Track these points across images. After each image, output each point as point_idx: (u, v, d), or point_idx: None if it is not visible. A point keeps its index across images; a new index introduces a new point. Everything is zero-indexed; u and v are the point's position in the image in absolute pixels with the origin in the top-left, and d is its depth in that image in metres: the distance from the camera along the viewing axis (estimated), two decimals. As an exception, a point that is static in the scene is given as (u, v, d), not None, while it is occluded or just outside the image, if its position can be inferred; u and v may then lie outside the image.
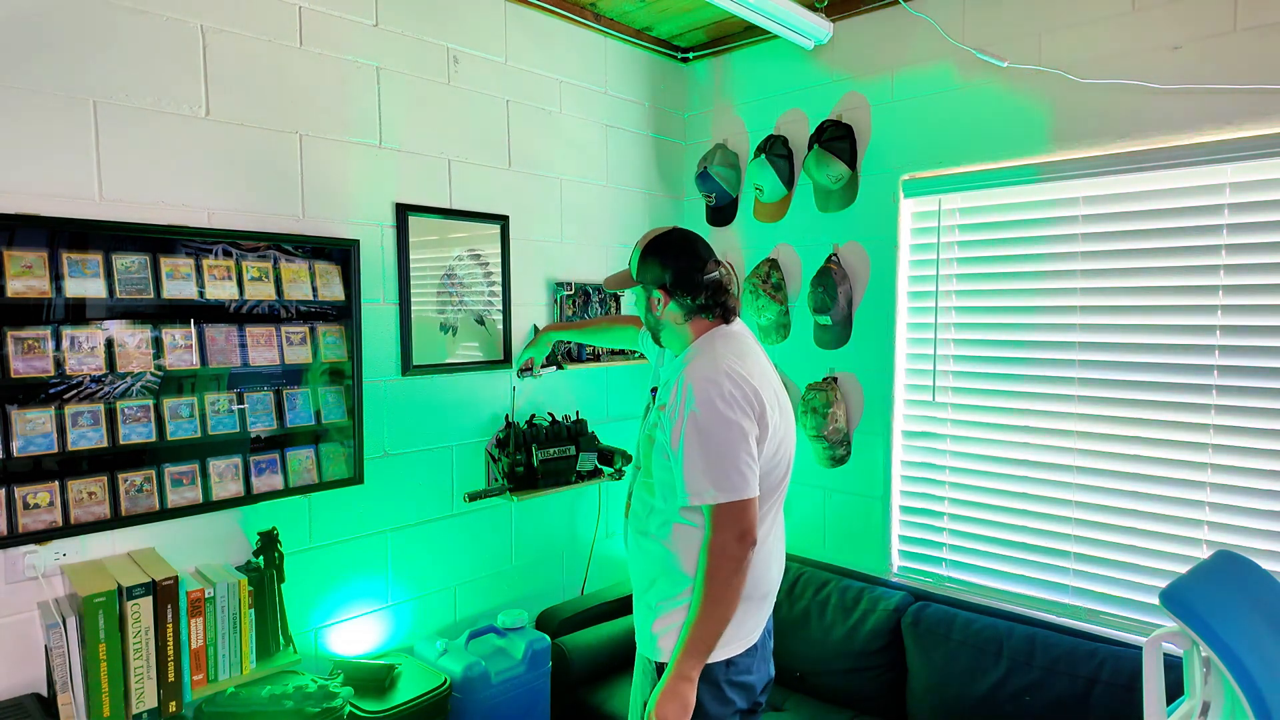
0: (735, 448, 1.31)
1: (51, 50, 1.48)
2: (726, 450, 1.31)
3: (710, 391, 1.32)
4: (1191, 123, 1.77)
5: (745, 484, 1.31)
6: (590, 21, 2.44)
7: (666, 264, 1.44)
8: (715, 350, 1.40)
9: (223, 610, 1.55)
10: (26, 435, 1.45)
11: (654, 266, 1.45)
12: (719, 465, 1.30)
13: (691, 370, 1.36)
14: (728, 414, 1.31)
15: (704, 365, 1.36)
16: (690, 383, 1.34)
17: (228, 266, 1.70)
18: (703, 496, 1.31)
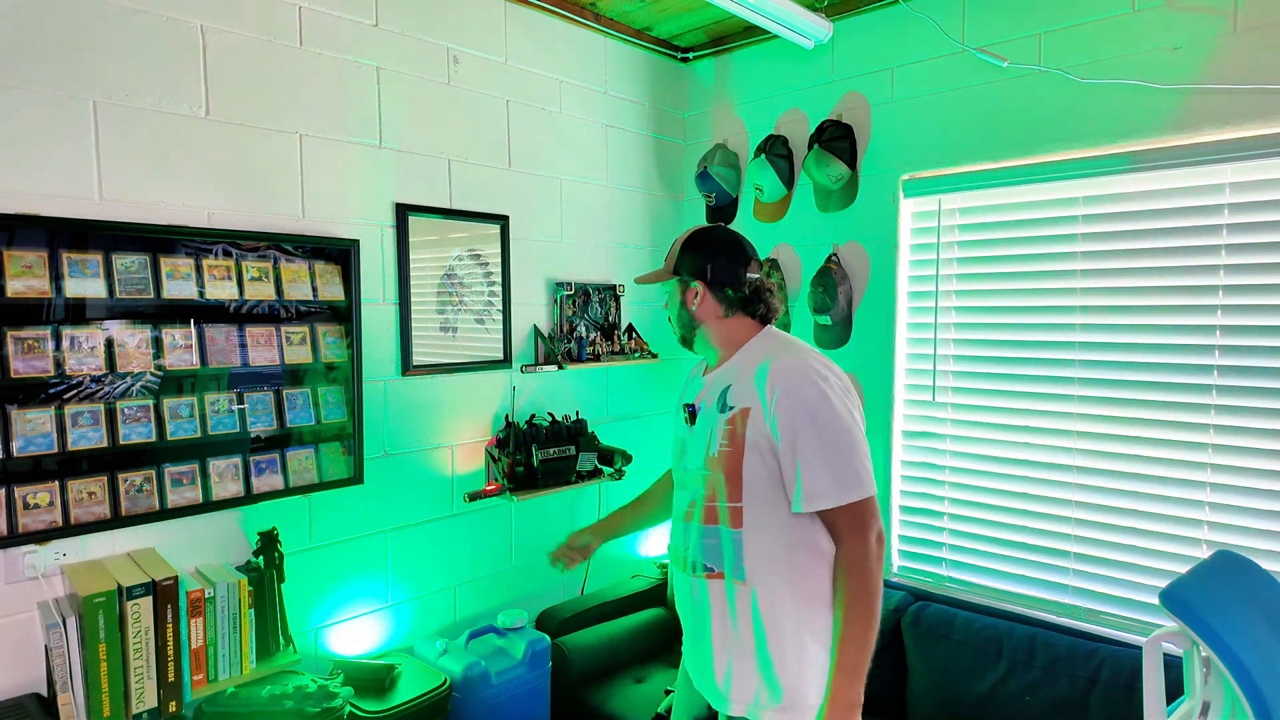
0: (857, 440, 1.21)
1: (52, 50, 1.48)
2: (851, 443, 1.20)
3: (817, 386, 1.21)
4: (1191, 123, 1.77)
5: (871, 478, 1.22)
6: (590, 21, 2.44)
7: (709, 256, 1.35)
8: (792, 345, 1.32)
9: (223, 610, 1.55)
10: (26, 435, 1.45)
11: (695, 258, 1.35)
12: (849, 460, 1.19)
13: (782, 366, 1.25)
14: (840, 406, 1.21)
15: (795, 358, 1.26)
16: (787, 378, 1.22)
17: (228, 266, 1.70)
18: (828, 499, 1.19)
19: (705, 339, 1.38)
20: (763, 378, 1.25)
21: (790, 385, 1.22)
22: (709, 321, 1.36)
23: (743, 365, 1.32)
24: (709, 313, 1.36)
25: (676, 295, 1.39)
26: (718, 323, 1.36)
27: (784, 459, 1.23)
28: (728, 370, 1.34)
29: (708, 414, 1.33)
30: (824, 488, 1.19)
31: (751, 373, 1.28)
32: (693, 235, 1.39)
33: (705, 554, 1.32)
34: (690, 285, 1.36)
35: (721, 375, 1.34)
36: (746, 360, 1.32)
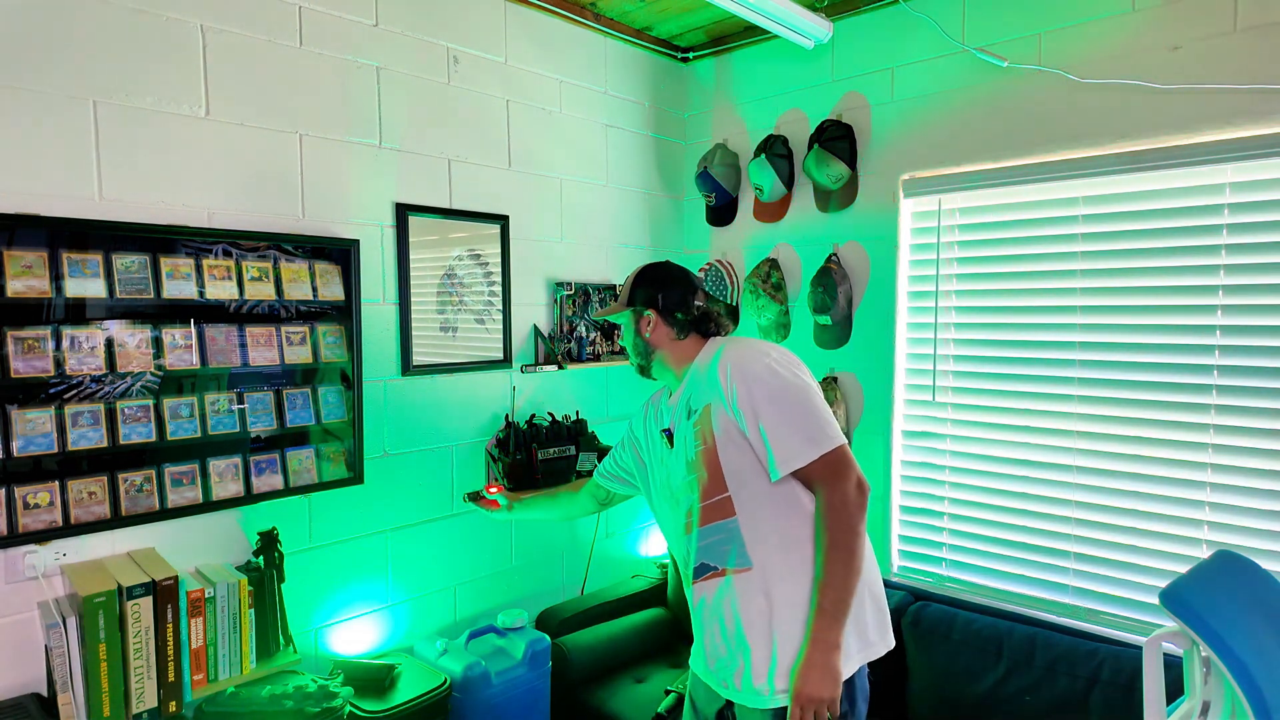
0: (815, 399, 1.29)
1: (51, 50, 1.48)
2: (810, 401, 1.28)
3: (763, 361, 1.31)
4: (1191, 123, 1.77)
5: (838, 430, 1.28)
6: (590, 21, 2.44)
7: (659, 286, 1.45)
8: (735, 339, 1.41)
9: (223, 610, 1.55)
10: (26, 435, 1.45)
11: (647, 290, 1.46)
12: (809, 418, 1.27)
13: (730, 354, 1.34)
14: (788, 375, 1.30)
15: (739, 347, 1.36)
16: (736, 361, 1.32)
17: (228, 266, 1.70)
18: (802, 456, 1.25)
19: (662, 363, 1.46)
20: (714, 371, 1.34)
21: (740, 368, 1.31)
22: (663, 346, 1.45)
23: (697, 371, 1.40)
24: (663, 337, 1.44)
25: (631, 325, 1.48)
26: (672, 345, 1.44)
27: (752, 436, 1.29)
28: (686, 385, 1.42)
29: (681, 428, 1.40)
30: (796, 447, 1.26)
31: (705, 372, 1.37)
32: (643, 270, 1.49)
33: (709, 554, 1.35)
34: (643, 314, 1.45)
35: (682, 392, 1.42)
36: (699, 369, 1.40)
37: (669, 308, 1.43)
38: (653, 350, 1.46)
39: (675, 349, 1.44)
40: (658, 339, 1.45)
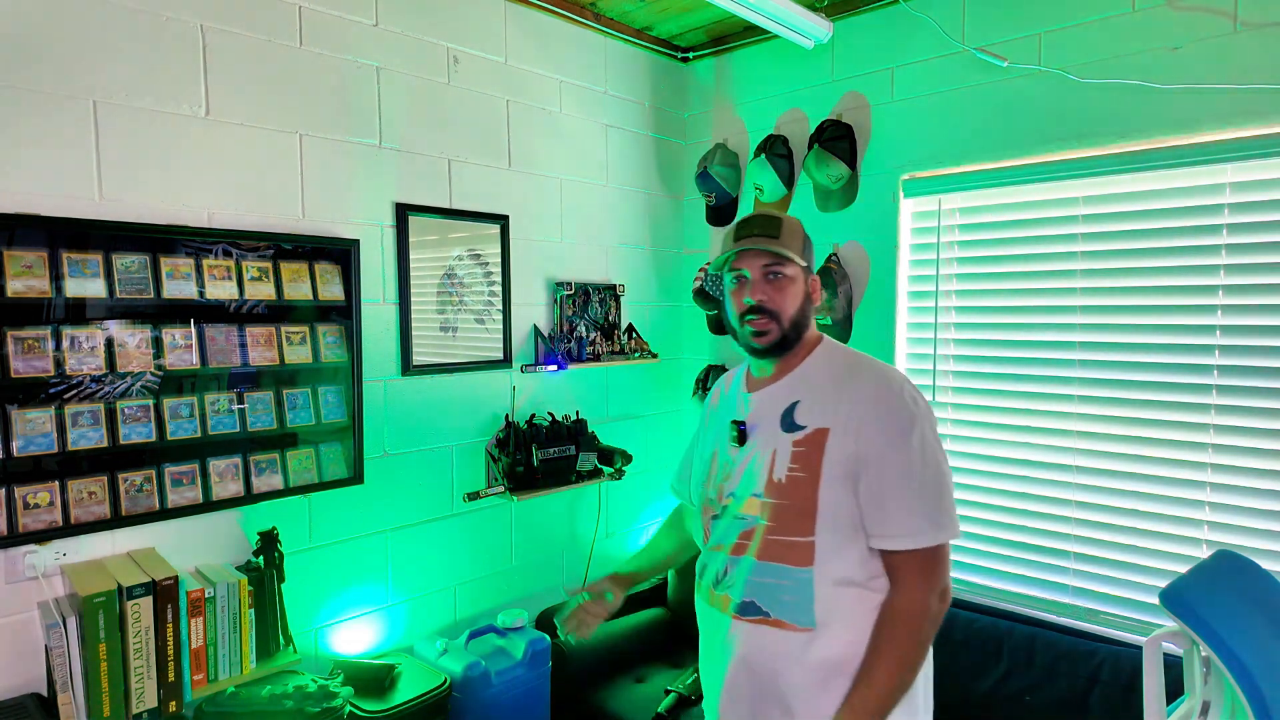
0: (948, 474, 1.11)
1: (51, 50, 1.48)
2: (946, 477, 1.10)
3: (913, 408, 1.11)
4: (1191, 123, 1.77)
5: (957, 519, 1.11)
6: (590, 21, 2.44)
7: (811, 252, 1.23)
8: (865, 359, 1.21)
9: (223, 610, 1.55)
10: (26, 435, 1.45)
11: (809, 249, 1.22)
12: (944, 495, 1.08)
13: (873, 384, 1.13)
14: (933, 434, 1.11)
15: (882, 376, 1.15)
16: (886, 392, 1.11)
17: (228, 266, 1.70)
18: (914, 537, 1.06)
19: (792, 345, 1.21)
20: (846, 396, 1.12)
21: (883, 407, 1.10)
22: (809, 324, 1.22)
23: (812, 379, 1.18)
24: (811, 314, 1.22)
25: (802, 287, 1.20)
26: (808, 328, 1.22)
27: (866, 487, 1.09)
28: (791, 384, 1.19)
29: (766, 433, 1.18)
30: (916, 524, 1.07)
31: (827, 389, 1.15)
32: (799, 224, 1.23)
33: (763, 595, 1.14)
34: (812, 275, 1.23)
35: (781, 389, 1.20)
36: (816, 374, 1.19)
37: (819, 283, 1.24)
38: (805, 325, 1.20)
39: (809, 332, 1.22)
40: (810, 313, 1.21)
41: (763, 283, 1.18)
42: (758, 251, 1.17)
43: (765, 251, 1.16)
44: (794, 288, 1.18)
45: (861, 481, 1.09)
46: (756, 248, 1.16)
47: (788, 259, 1.17)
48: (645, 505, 2.76)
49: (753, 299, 1.17)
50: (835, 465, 1.10)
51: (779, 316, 1.17)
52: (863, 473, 1.09)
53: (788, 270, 1.18)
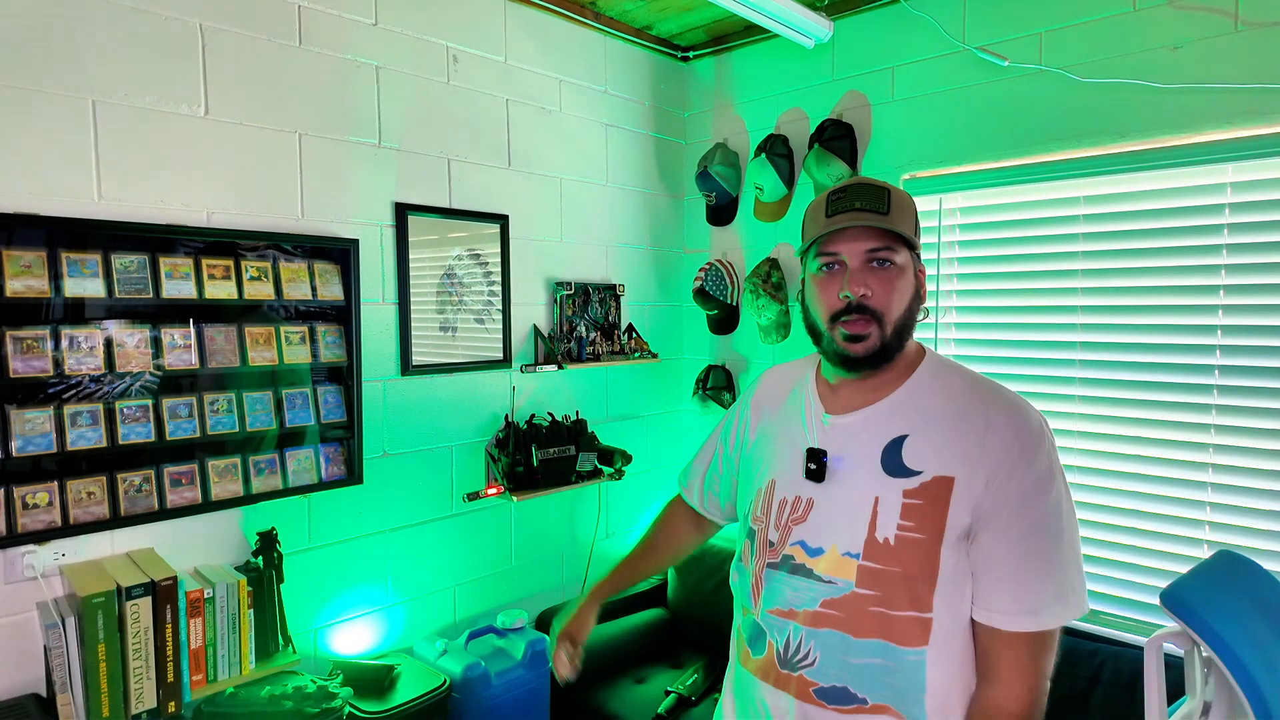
0: (1078, 538, 0.91)
1: (50, 49, 1.48)
2: (1077, 543, 0.90)
3: (1053, 455, 0.90)
4: (1192, 122, 1.76)
5: (1086, 593, 0.91)
6: (590, 20, 2.44)
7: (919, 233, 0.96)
8: (990, 383, 0.96)
9: (222, 610, 1.55)
10: (25, 435, 1.45)
11: (916, 230, 0.95)
12: (1071, 564, 0.89)
13: (1012, 421, 0.89)
14: (1067, 488, 0.92)
15: (1017, 410, 0.91)
16: (1026, 442, 0.88)
17: (227, 266, 1.70)
18: (1040, 616, 0.86)
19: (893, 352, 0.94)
20: (975, 434, 0.89)
21: (1021, 454, 0.87)
22: (912, 331, 0.96)
23: (926, 406, 0.93)
24: (917, 317, 0.96)
25: (913, 280, 0.94)
26: (912, 335, 0.96)
27: (981, 547, 0.87)
28: (895, 411, 0.94)
29: (860, 474, 0.93)
30: (1043, 599, 0.86)
31: (947, 421, 0.91)
32: (910, 198, 0.97)
33: (860, 681, 0.91)
34: (921, 267, 0.96)
35: (881, 417, 0.94)
36: (929, 399, 0.93)
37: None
38: (910, 331, 0.95)
39: (911, 342, 0.97)
40: (916, 314, 0.95)
41: (864, 272, 0.91)
42: (861, 230, 0.90)
43: (872, 230, 0.90)
44: (904, 280, 0.92)
45: (978, 539, 0.87)
46: (861, 224, 0.89)
47: (900, 241, 0.91)
48: (645, 505, 2.76)
49: (852, 293, 0.90)
50: (957, 524, 0.87)
51: (882, 318, 0.91)
52: (982, 530, 0.87)
53: (898, 257, 0.91)
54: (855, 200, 0.91)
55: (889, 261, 0.91)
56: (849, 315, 0.91)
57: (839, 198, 0.92)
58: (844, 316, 0.92)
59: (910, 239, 0.92)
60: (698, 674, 2.21)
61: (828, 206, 0.93)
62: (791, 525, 0.97)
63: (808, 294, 0.98)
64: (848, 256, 0.92)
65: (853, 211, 0.90)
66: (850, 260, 0.92)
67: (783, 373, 1.12)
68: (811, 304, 0.97)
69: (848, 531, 0.92)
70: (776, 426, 1.05)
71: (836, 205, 0.92)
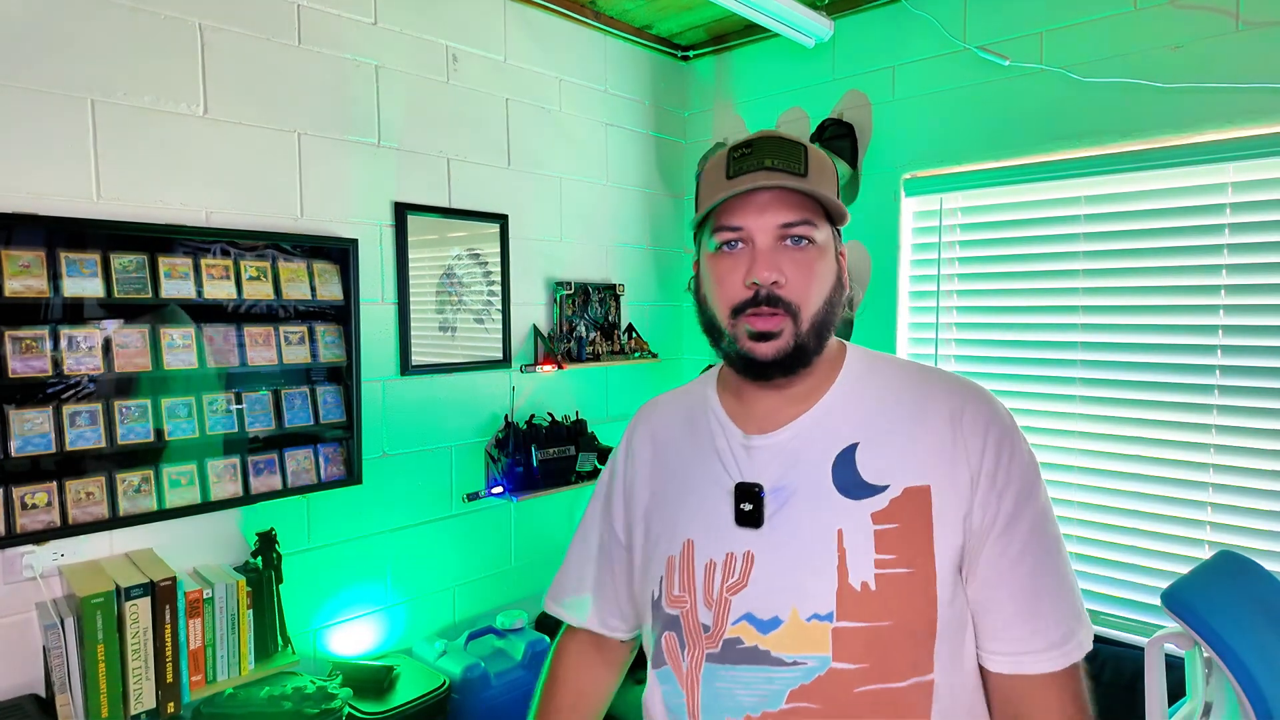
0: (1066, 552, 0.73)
1: (49, 48, 1.47)
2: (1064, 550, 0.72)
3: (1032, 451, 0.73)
4: (1193, 122, 1.76)
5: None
6: (590, 19, 2.44)
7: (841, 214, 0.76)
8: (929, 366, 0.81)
9: (221, 611, 1.55)
10: (24, 435, 1.45)
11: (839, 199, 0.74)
12: (1074, 586, 0.71)
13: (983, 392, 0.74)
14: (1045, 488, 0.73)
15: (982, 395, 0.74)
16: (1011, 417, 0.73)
17: (226, 266, 1.70)
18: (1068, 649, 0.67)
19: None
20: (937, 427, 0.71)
21: (1000, 449, 0.70)
22: (833, 327, 0.76)
23: (868, 404, 0.74)
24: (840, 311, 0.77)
25: (834, 262, 0.75)
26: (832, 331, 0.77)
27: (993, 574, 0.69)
28: (834, 415, 0.74)
29: (809, 503, 0.71)
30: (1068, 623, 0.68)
31: (902, 418, 0.73)
32: (829, 159, 0.77)
33: None
34: (843, 248, 0.78)
35: (818, 427, 0.74)
36: (870, 395, 0.75)
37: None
38: (830, 328, 0.75)
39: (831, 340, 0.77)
40: (839, 307, 0.76)
41: (776, 252, 0.71)
42: (773, 197, 0.71)
43: (786, 198, 0.71)
44: (824, 264, 0.73)
45: (978, 564, 0.69)
46: (773, 185, 0.69)
47: (821, 213, 0.72)
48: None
49: (761, 279, 0.70)
50: (950, 546, 0.68)
51: (798, 311, 0.71)
52: (980, 550, 0.69)
53: (818, 234, 0.72)
54: (765, 157, 0.70)
55: (807, 239, 0.71)
56: (755, 308, 0.71)
57: (743, 154, 0.72)
58: (749, 309, 0.71)
59: (833, 209, 0.72)
60: (698, 674, 2.21)
61: (729, 165, 0.72)
62: (729, 596, 0.71)
63: (703, 280, 0.77)
64: (755, 232, 0.71)
65: (763, 171, 0.70)
66: (758, 237, 0.71)
67: (667, 402, 0.88)
68: (709, 293, 0.75)
69: (811, 585, 0.68)
70: (677, 469, 0.80)
71: (741, 164, 0.71)
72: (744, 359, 0.73)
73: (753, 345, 0.72)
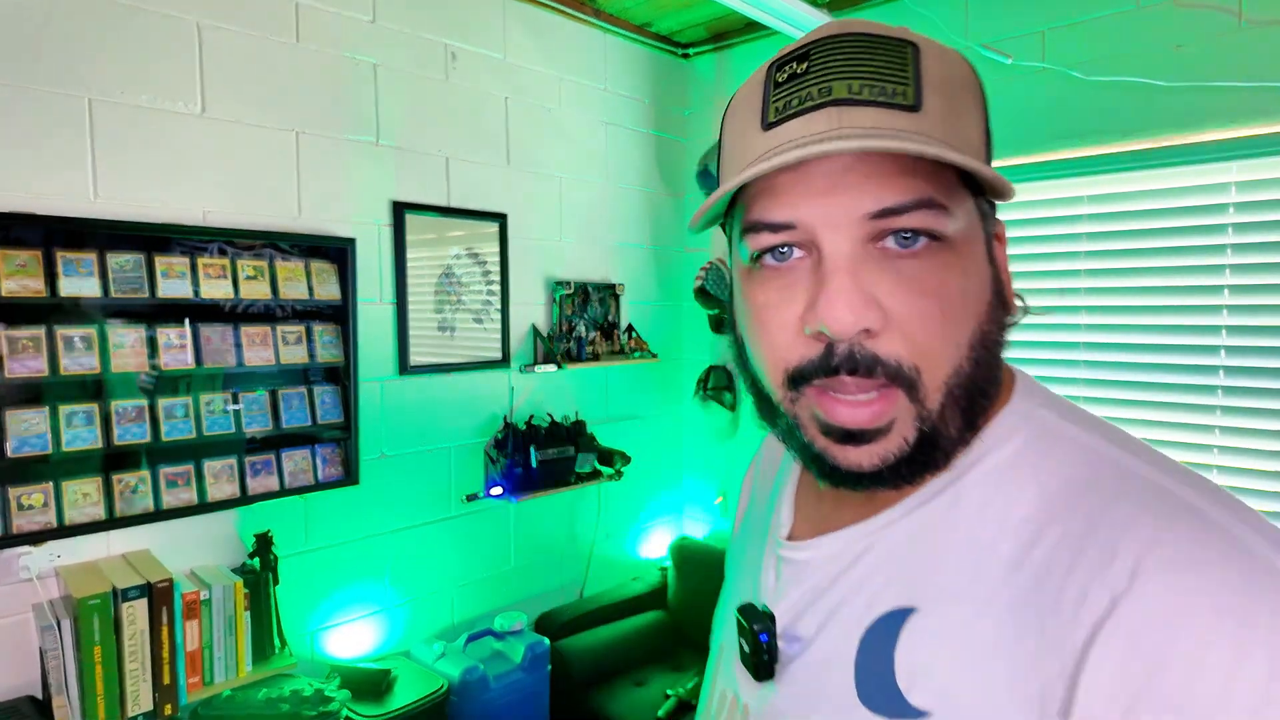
0: None
1: (47, 47, 1.47)
2: None
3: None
4: (1196, 121, 1.75)
5: None
6: (590, 17, 2.43)
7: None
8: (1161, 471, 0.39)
9: (218, 613, 1.54)
10: (21, 435, 1.44)
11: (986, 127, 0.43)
12: None
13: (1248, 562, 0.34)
14: None
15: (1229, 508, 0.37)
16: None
17: (223, 265, 1.69)
18: None
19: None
20: (1089, 634, 0.34)
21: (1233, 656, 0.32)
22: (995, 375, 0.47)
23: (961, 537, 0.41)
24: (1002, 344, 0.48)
25: (982, 255, 0.46)
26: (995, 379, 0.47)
27: None
28: (890, 539, 0.44)
29: (820, 687, 0.44)
30: None
31: (1015, 588, 0.38)
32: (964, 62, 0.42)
33: None
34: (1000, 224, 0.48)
35: (870, 549, 0.45)
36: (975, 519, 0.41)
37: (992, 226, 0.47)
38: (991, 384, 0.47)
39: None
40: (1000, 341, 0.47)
41: (864, 264, 0.40)
42: (848, 162, 0.39)
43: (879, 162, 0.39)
44: (963, 275, 0.43)
45: None
46: (844, 148, 0.37)
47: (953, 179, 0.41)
48: (644, 507, 2.75)
49: (833, 322, 0.39)
50: None
51: (916, 379, 0.40)
52: None
53: (950, 221, 0.40)
54: (835, 78, 0.39)
55: (928, 235, 0.39)
56: (830, 377, 0.40)
57: (793, 75, 0.40)
58: (816, 377, 0.41)
59: (976, 167, 0.38)
60: (698, 677, 2.20)
61: (767, 99, 0.41)
62: None
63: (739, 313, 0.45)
64: (820, 230, 0.39)
65: (831, 108, 0.39)
66: (827, 238, 0.39)
67: (771, 452, 0.62)
68: (748, 340, 0.45)
69: None
70: (744, 536, 0.59)
71: (789, 94, 0.40)
72: (823, 466, 0.43)
73: (837, 450, 0.41)
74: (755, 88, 0.43)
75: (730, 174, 0.43)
